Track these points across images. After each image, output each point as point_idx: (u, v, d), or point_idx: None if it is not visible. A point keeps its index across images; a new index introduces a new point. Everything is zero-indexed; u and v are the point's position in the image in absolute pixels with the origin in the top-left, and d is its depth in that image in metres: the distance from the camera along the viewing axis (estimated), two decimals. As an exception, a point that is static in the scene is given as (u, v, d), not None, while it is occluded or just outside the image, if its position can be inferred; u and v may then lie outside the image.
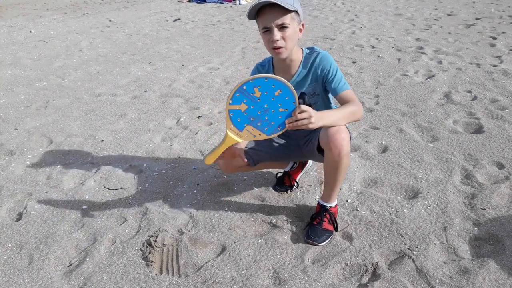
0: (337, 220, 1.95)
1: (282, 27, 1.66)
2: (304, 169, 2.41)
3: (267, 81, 1.49)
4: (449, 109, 3.24)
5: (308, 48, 1.89)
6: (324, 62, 1.80)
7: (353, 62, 4.73)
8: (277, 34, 1.66)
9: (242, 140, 1.63)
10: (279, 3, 1.59)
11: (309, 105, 1.76)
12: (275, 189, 2.31)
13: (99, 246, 1.92)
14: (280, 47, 1.69)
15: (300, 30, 1.76)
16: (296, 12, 1.69)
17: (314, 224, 1.90)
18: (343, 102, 1.76)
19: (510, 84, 3.68)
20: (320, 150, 1.82)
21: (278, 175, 2.38)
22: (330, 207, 1.93)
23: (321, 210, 1.92)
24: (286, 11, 1.63)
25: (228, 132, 1.61)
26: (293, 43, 1.72)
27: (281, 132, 1.58)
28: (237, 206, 2.19)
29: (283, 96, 1.51)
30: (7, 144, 3.09)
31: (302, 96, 1.87)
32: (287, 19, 1.65)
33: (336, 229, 1.92)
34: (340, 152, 1.70)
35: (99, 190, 2.40)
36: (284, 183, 2.31)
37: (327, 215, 1.90)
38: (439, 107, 3.30)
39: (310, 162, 2.43)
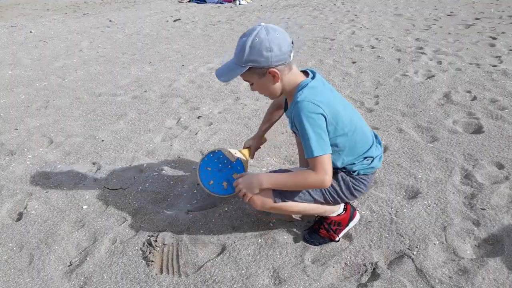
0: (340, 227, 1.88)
1: (251, 85, 1.65)
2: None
3: (213, 156, 2.01)
4: (449, 109, 3.24)
5: (304, 78, 1.65)
6: (296, 117, 1.56)
7: (353, 62, 4.73)
8: (250, 87, 1.67)
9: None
10: (218, 76, 1.60)
11: None
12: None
13: (100, 245, 1.92)
14: (259, 93, 1.70)
15: (274, 77, 1.56)
16: (251, 67, 1.54)
17: (314, 228, 1.90)
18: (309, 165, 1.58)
19: (510, 84, 3.68)
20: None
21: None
22: (329, 217, 1.84)
23: (321, 218, 1.89)
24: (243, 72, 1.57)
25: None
26: (269, 90, 1.64)
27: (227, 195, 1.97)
28: (237, 206, 2.19)
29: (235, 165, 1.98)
30: (8, 144, 3.09)
31: None
32: (245, 77, 1.61)
33: (335, 239, 1.85)
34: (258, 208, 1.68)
35: (99, 190, 2.40)
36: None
37: (325, 225, 1.85)
38: (438, 107, 3.31)
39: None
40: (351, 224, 1.90)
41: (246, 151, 2.12)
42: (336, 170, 1.70)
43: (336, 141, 1.62)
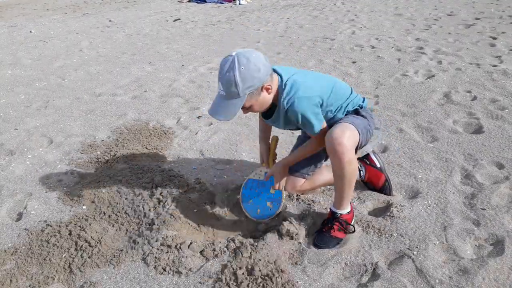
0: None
1: (247, 109, 1.74)
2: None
3: (246, 188, 2.10)
4: (449, 109, 3.24)
5: (284, 86, 1.75)
6: (293, 114, 1.75)
7: (353, 62, 4.73)
8: (249, 111, 1.78)
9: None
10: (218, 117, 1.67)
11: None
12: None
13: (100, 245, 1.92)
14: (258, 111, 1.83)
15: (267, 90, 1.69)
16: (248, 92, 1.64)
17: (323, 231, 1.89)
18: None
19: (510, 84, 3.68)
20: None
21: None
22: (341, 214, 1.88)
23: (332, 217, 1.90)
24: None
25: None
26: (267, 103, 1.77)
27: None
28: (238, 206, 2.19)
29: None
30: (7, 144, 3.09)
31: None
32: (246, 104, 1.68)
33: (343, 238, 1.87)
34: (340, 162, 1.72)
35: (99, 189, 2.40)
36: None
37: (337, 223, 1.87)
38: (439, 107, 3.31)
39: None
40: (351, 225, 1.91)
41: (269, 159, 2.12)
42: (355, 111, 1.94)
43: (326, 104, 1.82)
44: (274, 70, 1.78)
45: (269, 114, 1.90)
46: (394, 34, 6.01)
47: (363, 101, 2.00)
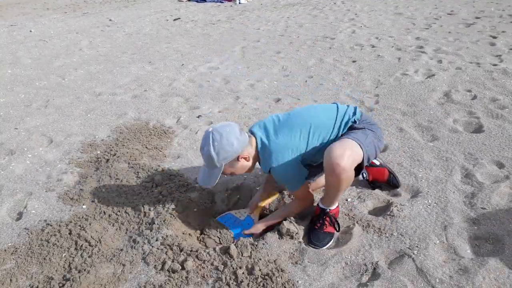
0: (338, 220, 1.95)
1: (230, 174, 1.89)
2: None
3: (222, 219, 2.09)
4: (449, 108, 3.24)
5: (261, 151, 1.86)
6: (277, 175, 1.86)
7: (353, 61, 4.73)
8: (232, 175, 1.91)
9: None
10: (205, 185, 1.90)
11: None
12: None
13: (100, 245, 1.92)
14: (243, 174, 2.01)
15: (245, 158, 1.82)
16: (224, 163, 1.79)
17: (316, 228, 1.90)
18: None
19: (510, 83, 3.67)
20: None
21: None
22: (330, 209, 1.92)
23: (321, 213, 1.92)
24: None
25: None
26: (248, 169, 1.89)
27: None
28: (238, 206, 2.19)
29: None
30: (7, 143, 3.09)
31: None
32: (227, 171, 1.84)
33: (338, 230, 1.91)
34: (337, 179, 1.72)
35: (99, 189, 2.40)
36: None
37: (327, 218, 1.89)
38: (439, 106, 3.30)
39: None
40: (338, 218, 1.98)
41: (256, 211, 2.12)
42: (352, 125, 1.89)
43: (310, 147, 1.84)
44: (252, 132, 1.90)
45: None
46: (394, 33, 6.00)
47: (354, 114, 1.92)
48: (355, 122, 1.90)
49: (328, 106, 1.98)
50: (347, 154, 1.68)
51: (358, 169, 1.79)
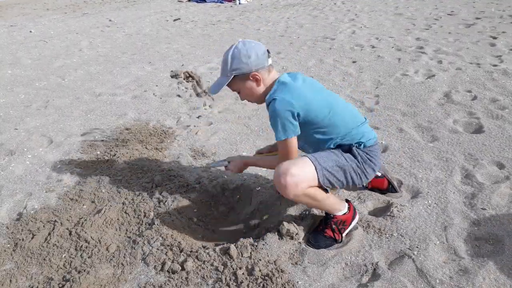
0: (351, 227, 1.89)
1: (238, 92, 1.86)
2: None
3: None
4: (449, 108, 3.24)
5: (277, 84, 1.79)
6: (269, 113, 1.75)
7: (353, 62, 4.73)
8: (240, 96, 1.89)
9: None
10: (210, 92, 1.84)
11: None
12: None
13: (100, 245, 1.92)
14: (248, 100, 1.90)
15: (257, 80, 1.76)
16: (236, 75, 1.75)
17: (318, 230, 1.90)
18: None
19: (510, 83, 3.67)
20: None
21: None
22: (335, 215, 1.87)
23: (326, 218, 1.90)
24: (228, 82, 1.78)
25: None
26: (254, 96, 1.84)
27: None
28: (238, 206, 2.18)
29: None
30: (7, 143, 3.09)
31: None
32: (233, 86, 1.82)
33: (337, 240, 1.85)
34: (289, 196, 1.69)
35: (99, 189, 2.40)
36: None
37: (331, 224, 1.86)
38: (439, 106, 3.30)
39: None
40: (353, 223, 1.91)
41: None
42: (349, 148, 1.79)
43: (314, 122, 1.74)
44: (288, 74, 1.83)
45: None
46: (394, 33, 6.00)
47: (369, 139, 1.82)
48: (359, 145, 1.80)
49: (359, 117, 1.89)
50: (291, 172, 1.64)
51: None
